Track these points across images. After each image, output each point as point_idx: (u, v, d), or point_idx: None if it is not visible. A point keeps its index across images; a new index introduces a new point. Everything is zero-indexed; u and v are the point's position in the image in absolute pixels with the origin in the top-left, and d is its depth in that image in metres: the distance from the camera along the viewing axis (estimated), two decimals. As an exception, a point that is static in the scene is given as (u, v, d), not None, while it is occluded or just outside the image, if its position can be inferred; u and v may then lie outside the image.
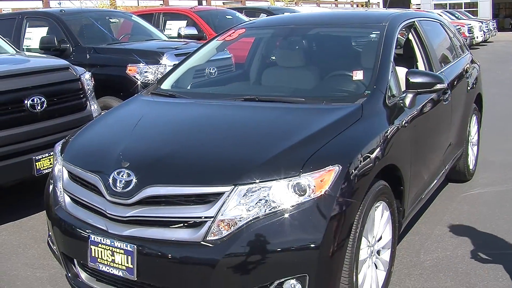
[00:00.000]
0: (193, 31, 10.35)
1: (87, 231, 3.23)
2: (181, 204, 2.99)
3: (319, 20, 5.19)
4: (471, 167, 6.09)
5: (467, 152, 5.85)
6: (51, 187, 3.69)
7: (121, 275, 3.10)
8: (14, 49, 6.70)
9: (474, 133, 6.20)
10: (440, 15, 6.82)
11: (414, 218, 4.89)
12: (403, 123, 3.86)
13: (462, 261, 4.24)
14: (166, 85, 4.60)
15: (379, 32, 4.38)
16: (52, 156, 5.10)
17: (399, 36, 4.49)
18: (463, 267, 4.14)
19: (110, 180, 3.16)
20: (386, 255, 3.65)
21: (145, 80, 7.20)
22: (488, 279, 3.96)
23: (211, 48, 5.19)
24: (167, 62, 7.31)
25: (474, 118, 6.06)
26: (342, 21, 5.07)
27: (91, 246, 3.19)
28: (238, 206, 2.89)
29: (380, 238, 3.57)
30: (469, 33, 25.33)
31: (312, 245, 2.88)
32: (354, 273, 3.13)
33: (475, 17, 33.46)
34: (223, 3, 27.37)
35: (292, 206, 2.90)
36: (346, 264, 3.07)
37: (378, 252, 3.58)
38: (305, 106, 3.84)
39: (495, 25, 32.57)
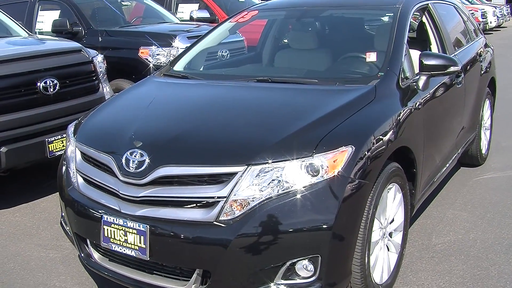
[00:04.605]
0: (205, 14, 10.33)
1: (100, 211, 3.24)
2: (194, 184, 2.99)
3: (332, 2, 5.14)
4: (483, 151, 6.06)
5: (479, 136, 5.81)
6: (64, 168, 3.70)
7: (134, 255, 3.11)
8: (26, 32, 6.71)
9: (487, 118, 6.16)
10: None
11: (426, 202, 4.89)
12: (417, 105, 3.84)
13: (473, 245, 4.23)
14: (178, 66, 4.60)
15: (392, 14, 4.35)
16: (64, 138, 5.13)
17: (411, 20, 4.45)
18: (474, 251, 4.14)
19: (123, 160, 3.16)
20: (398, 237, 3.65)
21: (157, 63, 7.21)
22: (499, 263, 3.95)
23: (224, 30, 5.17)
24: (179, 44, 7.30)
25: (487, 102, 6.02)
26: (355, 2, 5.03)
27: (104, 226, 3.20)
28: (251, 186, 2.89)
29: (393, 220, 3.56)
30: (483, 18, 25.08)
31: (324, 226, 2.88)
32: (366, 255, 3.13)
33: (488, 2, 33.12)
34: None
35: (305, 187, 2.90)
36: (358, 246, 3.07)
37: (390, 234, 3.58)
38: (318, 87, 3.82)
39: (509, 10, 32.23)
